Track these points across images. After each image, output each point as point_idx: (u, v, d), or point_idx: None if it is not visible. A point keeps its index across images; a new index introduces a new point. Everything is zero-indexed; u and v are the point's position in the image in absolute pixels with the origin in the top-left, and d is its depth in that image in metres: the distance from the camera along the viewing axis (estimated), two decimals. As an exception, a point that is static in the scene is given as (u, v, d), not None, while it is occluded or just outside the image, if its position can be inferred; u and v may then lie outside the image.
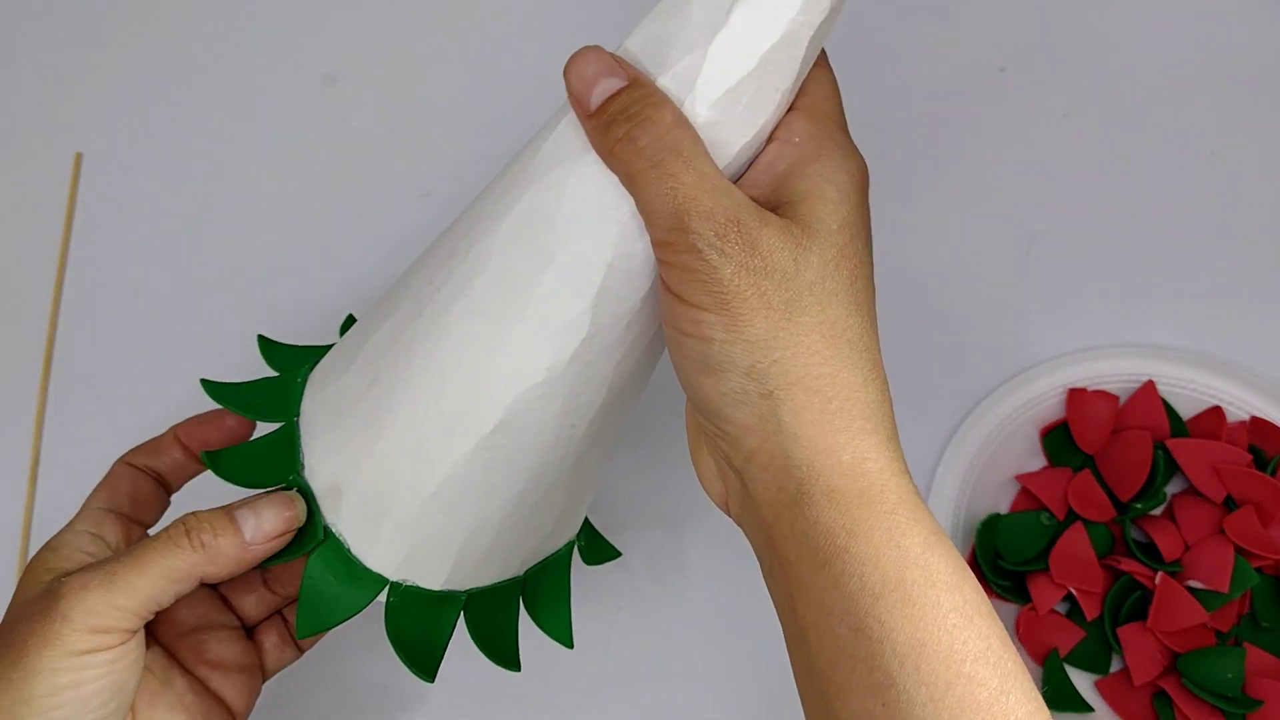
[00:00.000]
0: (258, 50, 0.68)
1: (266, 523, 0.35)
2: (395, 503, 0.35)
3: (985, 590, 0.51)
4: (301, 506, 0.36)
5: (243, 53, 0.68)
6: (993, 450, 0.53)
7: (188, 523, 0.34)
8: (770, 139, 0.33)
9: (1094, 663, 0.50)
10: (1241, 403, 0.54)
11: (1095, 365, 0.55)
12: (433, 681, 0.37)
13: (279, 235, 0.62)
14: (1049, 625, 0.50)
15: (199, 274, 0.61)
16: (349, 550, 0.36)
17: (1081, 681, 0.50)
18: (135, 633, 0.34)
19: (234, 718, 0.38)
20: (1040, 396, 0.55)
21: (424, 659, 0.37)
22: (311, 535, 0.36)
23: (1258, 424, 0.53)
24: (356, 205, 0.62)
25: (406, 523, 0.35)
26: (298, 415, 0.38)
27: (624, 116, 0.30)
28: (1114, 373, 0.55)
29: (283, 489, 0.37)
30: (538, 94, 0.65)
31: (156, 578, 0.33)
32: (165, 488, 0.40)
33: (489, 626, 0.38)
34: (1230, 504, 0.51)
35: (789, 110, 0.33)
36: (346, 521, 0.36)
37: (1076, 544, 0.50)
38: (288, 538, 0.36)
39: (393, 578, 0.36)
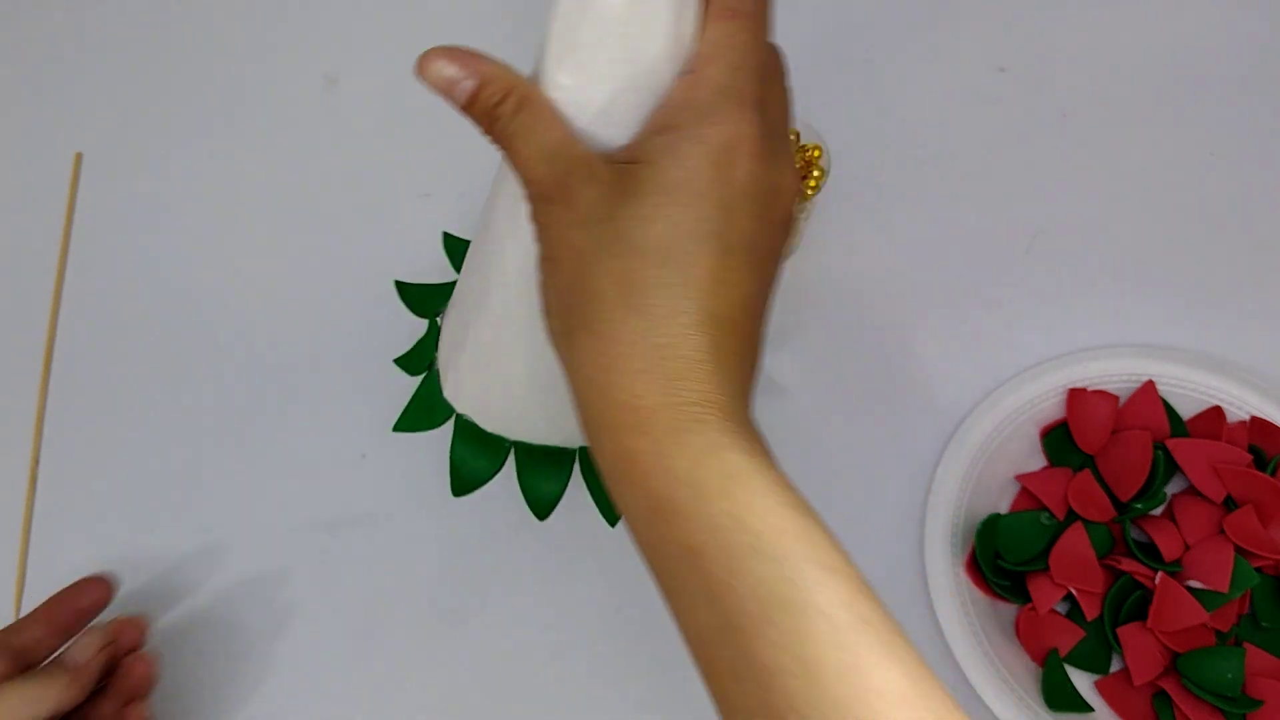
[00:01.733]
0: (258, 50, 0.68)
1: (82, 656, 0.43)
2: (460, 354, 0.45)
3: (985, 590, 0.52)
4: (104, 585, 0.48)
5: (243, 53, 0.68)
6: (993, 450, 0.53)
7: None
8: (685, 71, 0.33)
9: (1094, 663, 0.50)
10: (1241, 403, 0.54)
11: (1095, 365, 0.55)
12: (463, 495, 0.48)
13: (279, 235, 0.62)
14: (1049, 625, 0.50)
15: (198, 274, 0.61)
16: (441, 385, 0.48)
17: (1081, 681, 0.50)
18: None
19: None
20: (1040, 396, 0.55)
21: (465, 482, 0.48)
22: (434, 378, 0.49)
23: (1258, 424, 0.53)
24: (356, 205, 0.62)
25: (464, 370, 0.46)
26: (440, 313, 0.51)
27: (487, 116, 0.33)
28: (1114, 373, 0.55)
29: None
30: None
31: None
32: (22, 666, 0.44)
33: (531, 476, 0.48)
34: (1230, 504, 0.51)
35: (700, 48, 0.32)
36: (440, 364, 0.49)
37: (1076, 544, 0.50)
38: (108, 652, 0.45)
39: (459, 410, 0.48)
